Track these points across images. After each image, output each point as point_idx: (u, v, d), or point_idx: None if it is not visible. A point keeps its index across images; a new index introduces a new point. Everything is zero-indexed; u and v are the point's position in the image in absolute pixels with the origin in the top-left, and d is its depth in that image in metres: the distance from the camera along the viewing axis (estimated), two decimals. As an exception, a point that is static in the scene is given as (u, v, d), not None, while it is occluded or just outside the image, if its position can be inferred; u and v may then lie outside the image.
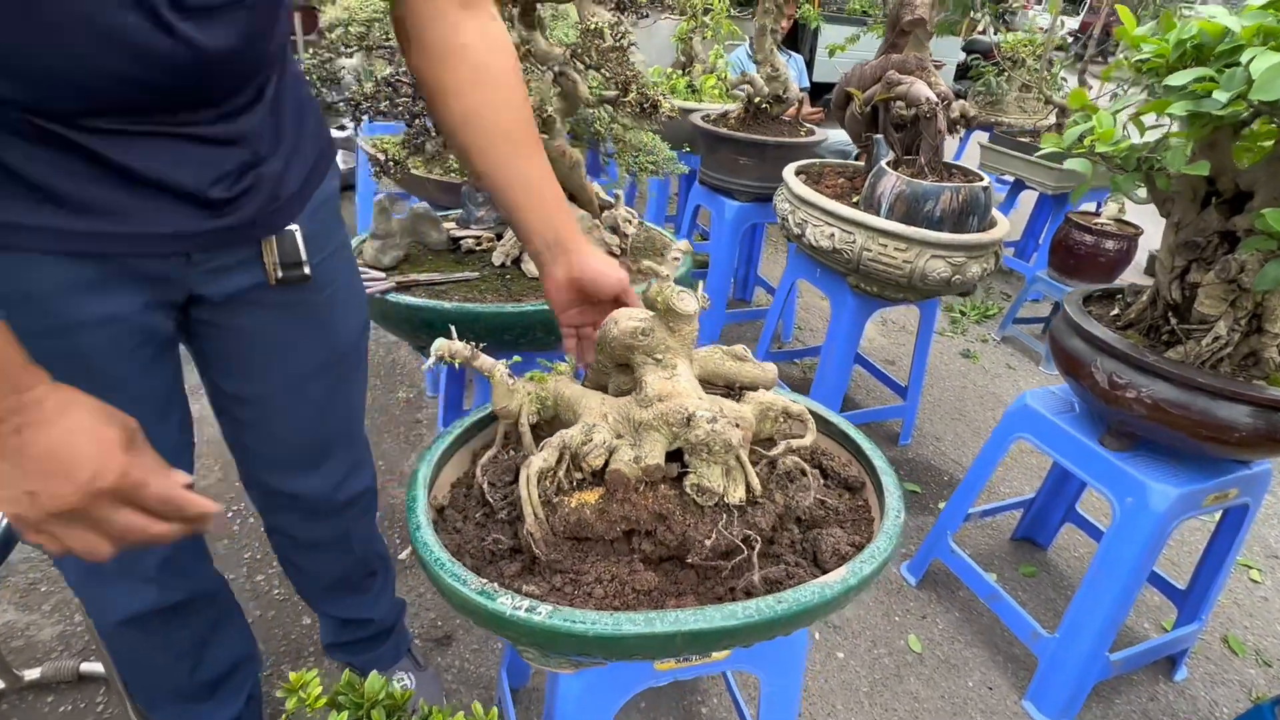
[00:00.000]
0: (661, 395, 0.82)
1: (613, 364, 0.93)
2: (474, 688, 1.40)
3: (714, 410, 0.81)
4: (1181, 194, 1.21)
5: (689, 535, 0.78)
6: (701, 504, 0.79)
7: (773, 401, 0.90)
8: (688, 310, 0.86)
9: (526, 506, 0.78)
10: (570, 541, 0.81)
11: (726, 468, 0.81)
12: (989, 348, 3.06)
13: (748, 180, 2.47)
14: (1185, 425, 1.18)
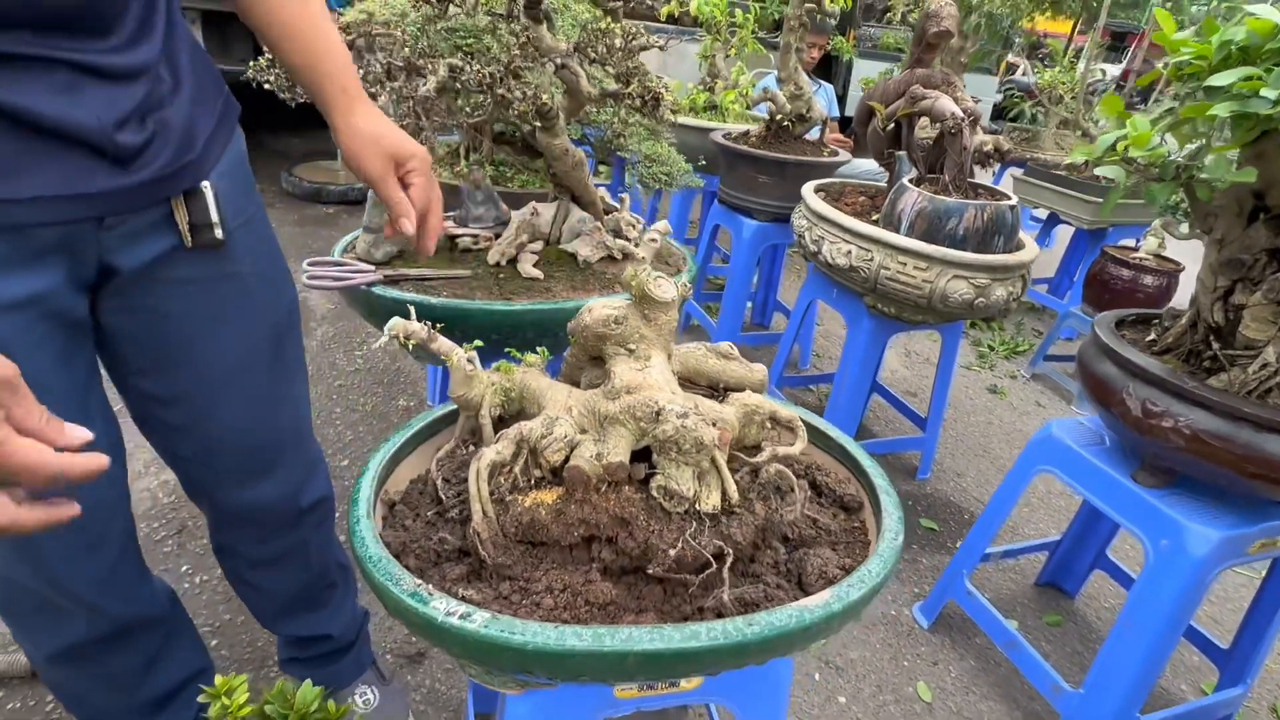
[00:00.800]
0: (630, 387, 0.75)
1: (586, 357, 0.86)
2: (442, 710, 1.31)
3: (687, 406, 0.73)
4: (1226, 208, 1.11)
5: (652, 543, 0.69)
6: (669, 509, 0.71)
7: (759, 404, 0.82)
8: (665, 297, 0.79)
9: (475, 503, 0.70)
10: (523, 546, 0.73)
11: (699, 471, 0.73)
12: (1018, 384, 2.93)
13: (767, 199, 2.40)
14: (1229, 460, 1.06)
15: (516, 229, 1.41)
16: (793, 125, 2.40)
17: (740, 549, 0.73)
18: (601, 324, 0.79)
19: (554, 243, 1.47)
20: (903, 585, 1.76)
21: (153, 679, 0.98)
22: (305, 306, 2.72)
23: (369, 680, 1.25)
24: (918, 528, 1.98)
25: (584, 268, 1.41)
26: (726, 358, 0.87)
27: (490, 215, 1.47)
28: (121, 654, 0.93)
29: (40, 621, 0.86)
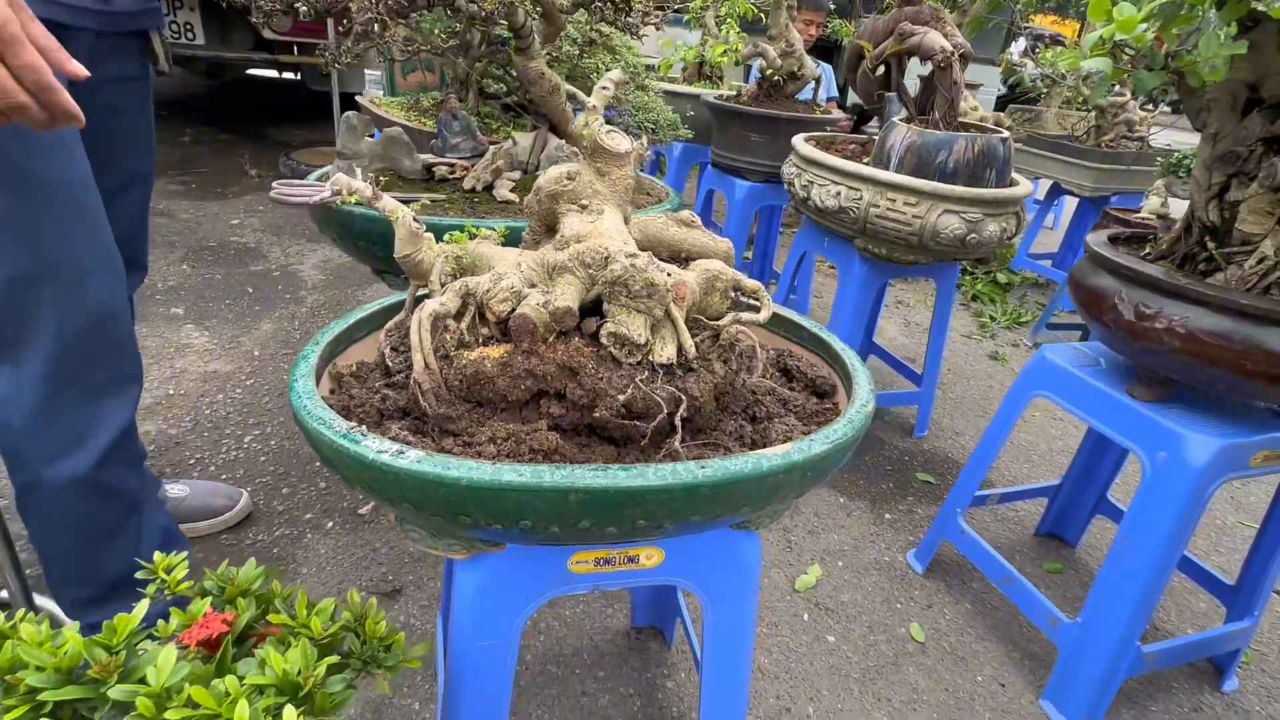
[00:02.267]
0: (579, 236, 0.71)
1: (544, 229, 0.83)
2: (417, 639, 1.27)
3: (641, 254, 0.69)
4: (1219, 100, 1.07)
5: (600, 389, 0.66)
6: (620, 358, 0.67)
7: (721, 271, 0.78)
8: (618, 148, 0.76)
9: (416, 354, 0.67)
10: (468, 404, 0.69)
11: (653, 322, 0.69)
12: (1019, 352, 2.87)
13: (760, 159, 2.37)
14: (1226, 359, 1.01)
15: (492, 155, 1.38)
16: (784, 83, 2.37)
17: (697, 404, 0.69)
18: (554, 182, 0.76)
19: (532, 171, 1.45)
20: (897, 534, 1.71)
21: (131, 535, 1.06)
22: (295, 276, 2.71)
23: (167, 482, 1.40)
24: (914, 481, 1.93)
25: (561, 193, 1.38)
26: (689, 225, 0.84)
27: (467, 146, 1.44)
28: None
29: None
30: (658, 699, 1.22)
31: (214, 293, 2.51)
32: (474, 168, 1.38)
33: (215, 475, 1.62)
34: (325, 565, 1.41)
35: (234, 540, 1.45)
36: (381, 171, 1.41)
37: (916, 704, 1.27)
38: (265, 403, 1.91)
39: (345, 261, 2.87)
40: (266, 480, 1.63)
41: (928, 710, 1.26)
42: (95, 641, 0.59)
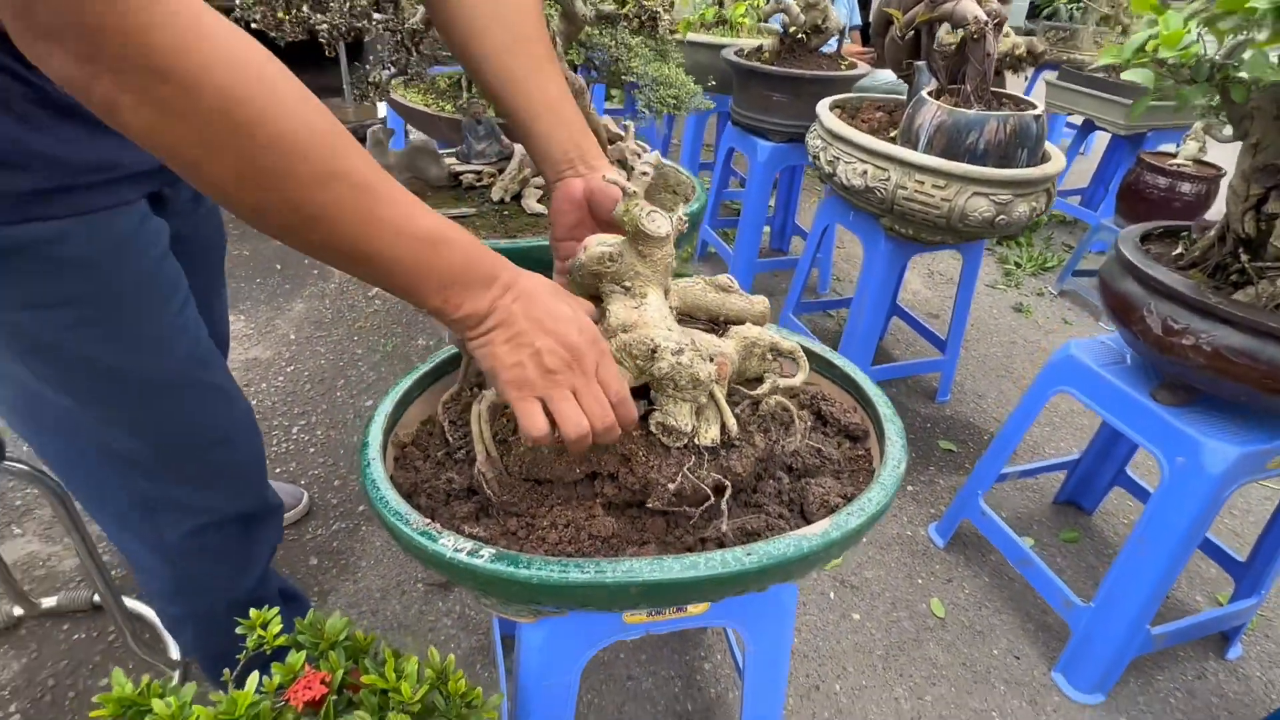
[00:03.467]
0: (625, 325, 0.74)
1: (585, 295, 0.86)
2: (473, 633, 1.38)
3: (683, 342, 0.73)
4: (1263, 109, 1.04)
5: (651, 478, 0.71)
6: (668, 444, 0.72)
7: (759, 336, 0.81)
8: (659, 232, 0.77)
9: (478, 444, 0.72)
10: (528, 483, 0.75)
11: (698, 406, 0.73)
12: (1044, 301, 2.86)
13: (782, 119, 2.31)
14: (1251, 377, 1.03)
15: (519, 164, 1.38)
16: (807, 38, 2.28)
17: (740, 480, 0.74)
18: (596, 262, 0.78)
19: (558, 176, 1.45)
20: (919, 506, 1.78)
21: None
22: (321, 249, 2.74)
23: None
24: (936, 449, 1.98)
25: (589, 201, 1.39)
26: (726, 290, 0.86)
27: (492, 150, 1.44)
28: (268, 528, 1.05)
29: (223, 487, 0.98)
30: (696, 680, 1.34)
31: (244, 271, 2.55)
32: (501, 176, 1.38)
33: (270, 471, 1.71)
34: (381, 558, 1.52)
35: (295, 535, 1.55)
36: (410, 181, 1.42)
37: (935, 679, 1.37)
38: (307, 390, 1.99)
39: (367, 230, 2.88)
40: (318, 473, 1.72)
41: (946, 684, 1.36)
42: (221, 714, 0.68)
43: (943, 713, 1.31)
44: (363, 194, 0.51)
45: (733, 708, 1.29)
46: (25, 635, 1.31)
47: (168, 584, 0.97)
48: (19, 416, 0.82)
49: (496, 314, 0.59)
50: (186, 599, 0.99)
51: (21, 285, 0.71)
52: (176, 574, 0.95)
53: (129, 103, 0.42)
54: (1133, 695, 1.36)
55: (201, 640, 1.04)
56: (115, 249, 0.76)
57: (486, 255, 0.60)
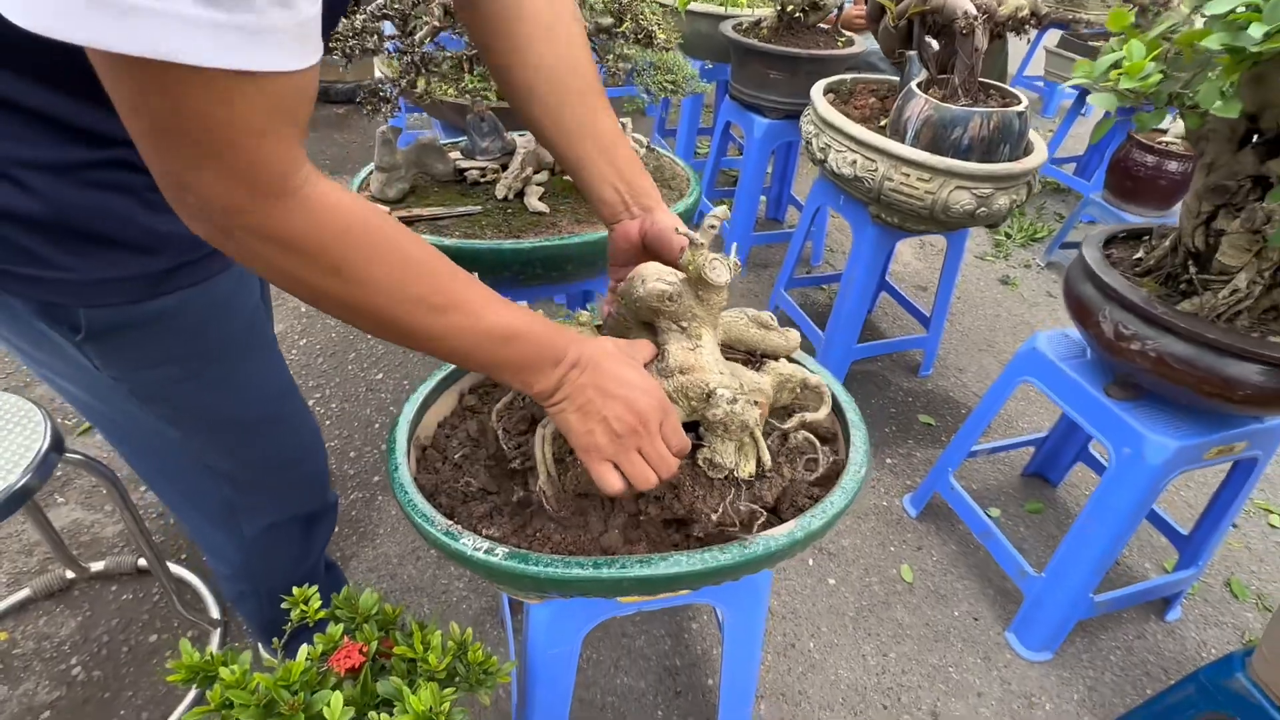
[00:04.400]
0: (683, 368, 0.83)
1: (635, 320, 0.95)
2: (482, 595, 1.52)
3: (734, 388, 0.82)
4: (1218, 132, 1.12)
5: (697, 507, 0.81)
6: (711, 476, 0.82)
7: (792, 374, 0.91)
8: (719, 281, 0.84)
9: (540, 465, 0.81)
10: (578, 498, 0.85)
11: (740, 444, 0.83)
12: (1031, 273, 2.94)
13: (778, 96, 2.35)
14: (1190, 381, 1.14)
15: (522, 162, 1.45)
16: (805, 14, 2.29)
17: (769, 508, 0.85)
18: (655, 298, 0.86)
19: (558, 172, 1.52)
20: (896, 478, 1.91)
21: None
22: (326, 218, 2.79)
23: None
24: (915, 423, 2.10)
25: (588, 199, 1.46)
26: (766, 328, 0.95)
27: (496, 146, 1.51)
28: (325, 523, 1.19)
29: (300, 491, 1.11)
30: (684, 638, 1.48)
31: (252, 242, 2.62)
32: (505, 174, 1.45)
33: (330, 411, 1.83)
34: (396, 527, 1.65)
35: (317, 504, 1.68)
36: (416, 177, 1.49)
37: (900, 638, 1.52)
38: (320, 363, 2.09)
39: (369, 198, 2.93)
40: (334, 444, 1.84)
41: (909, 643, 1.51)
42: (278, 681, 0.80)
43: (904, 668, 1.47)
44: (450, 314, 0.61)
45: (717, 662, 1.44)
46: (78, 596, 1.45)
47: (239, 568, 1.11)
48: (127, 444, 0.95)
49: (565, 388, 0.67)
50: (253, 579, 1.14)
51: (142, 348, 0.81)
52: (248, 560, 1.09)
53: (256, 266, 0.53)
54: (1077, 653, 1.52)
55: (260, 612, 1.19)
56: (220, 309, 0.85)
57: (556, 339, 0.66)
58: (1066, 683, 1.46)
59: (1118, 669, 1.50)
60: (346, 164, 3.17)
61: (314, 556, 1.18)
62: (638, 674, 1.41)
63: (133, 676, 1.33)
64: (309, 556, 1.16)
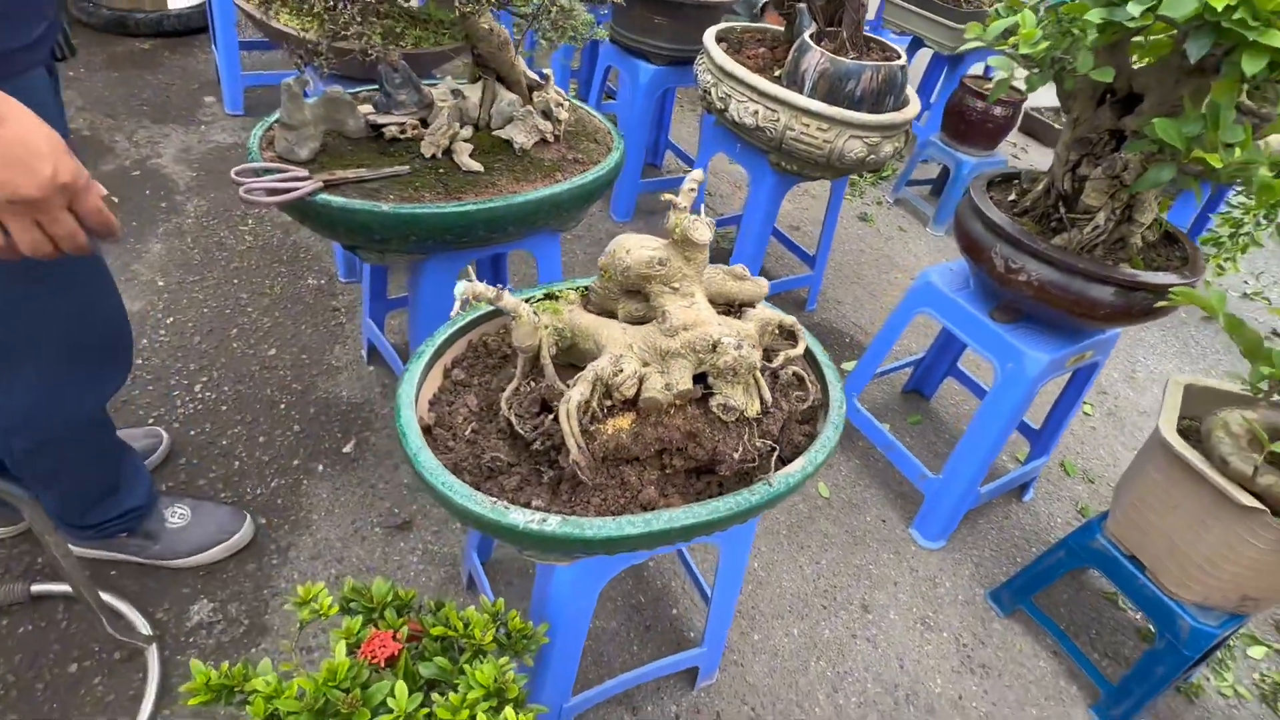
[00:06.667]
0: (686, 324, 0.87)
1: (622, 291, 0.96)
2: (440, 565, 1.51)
3: (736, 336, 0.87)
4: (1083, 92, 1.32)
5: (720, 450, 0.87)
6: (725, 420, 0.88)
7: (770, 317, 0.98)
8: (704, 240, 0.89)
9: (570, 439, 0.82)
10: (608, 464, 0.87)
11: (746, 385, 0.89)
12: (883, 210, 3.24)
13: (664, 41, 2.36)
14: (1064, 304, 1.37)
15: (448, 118, 1.37)
16: (686, -42, 2.30)
17: (777, 440, 0.92)
18: (645, 265, 0.89)
19: (484, 128, 1.45)
20: (801, 406, 2.10)
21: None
22: (159, 175, 2.44)
23: (169, 502, 1.42)
24: (809, 355, 2.30)
25: (521, 155, 1.42)
26: (740, 279, 1.01)
27: (412, 99, 1.41)
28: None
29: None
30: (644, 578, 1.57)
31: (72, 207, 2.23)
32: (429, 131, 1.37)
33: (181, 432, 1.65)
34: (332, 509, 1.57)
35: (235, 497, 1.55)
36: (326, 134, 1.36)
37: (827, 546, 1.72)
38: (198, 343, 1.88)
39: (210, 150, 2.60)
40: (239, 432, 1.69)
41: (835, 549, 1.71)
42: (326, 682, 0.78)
43: (835, 570, 1.67)
44: None
45: (677, 594, 1.55)
46: (-40, 637, 1.25)
47: (27, 411, 1.11)
48: None
49: None
50: (41, 428, 1.14)
51: None
52: (33, 406, 1.10)
53: None
54: (964, 537, 1.80)
55: (56, 479, 1.23)
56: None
57: None
58: (959, 563, 1.74)
59: (995, 545, 1.80)
60: (170, 111, 2.76)
61: (100, 402, 1.21)
62: (608, 616, 1.48)
63: (60, 712, 1.19)
64: (93, 403, 1.19)
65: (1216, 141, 1.07)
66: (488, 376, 1.02)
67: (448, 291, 1.48)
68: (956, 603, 1.65)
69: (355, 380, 1.87)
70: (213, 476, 1.58)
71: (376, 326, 1.85)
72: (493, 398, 0.96)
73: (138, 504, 1.34)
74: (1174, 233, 1.47)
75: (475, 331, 1.07)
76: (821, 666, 1.47)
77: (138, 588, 1.37)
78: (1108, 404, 2.39)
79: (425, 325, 1.50)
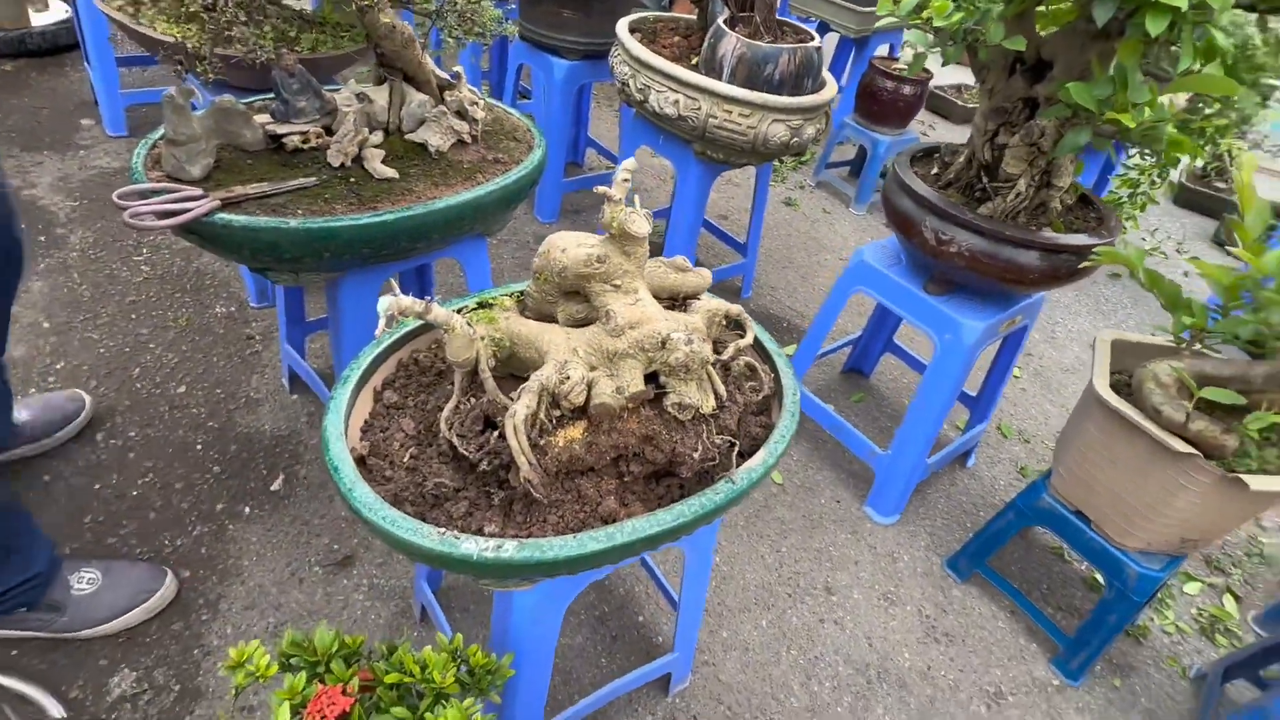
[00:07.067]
0: (632, 322, 0.82)
1: (560, 293, 0.90)
2: (388, 600, 1.42)
3: (687, 331, 0.83)
4: (995, 63, 1.34)
5: (679, 451, 0.82)
6: (681, 418, 0.83)
7: (717, 308, 0.95)
8: (641, 232, 0.84)
9: (519, 456, 0.76)
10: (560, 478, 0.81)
11: (699, 380, 0.85)
12: (806, 194, 3.28)
13: (574, 36, 2.31)
14: (994, 271, 1.39)
15: (354, 122, 1.28)
16: (591, -50, 2.25)
17: (734, 434, 0.89)
18: (583, 264, 0.83)
19: (395, 132, 1.37)
20: (746, 395, 2.09)
21: None
22: (38, 207, 2.22)
23: (75, 566, 1.29)
24: (749, 342, 2.29)
25: (438, 158, 1.34)
26: (683, 270, 0.97)
27: (313, 106, 1.31)
28: None
29: None
30: (605, 587, 1.52)
31: (-67, 248, 2.01)
32: (335, 138, 1.28)
33: (83, 487, 1.50)
34: (264, 553, 1.45)
35: (152, 552, 1.42)
36: (221, 149, 1.25)
37: (786, 532, 1.71)
38: (95, 388, 1.71)
39: (92, 176, 2.39)
40: (152, 479, 1.54)
41: (794, 535, 1.71)
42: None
43: (795, 557, 1.66)
44: None
45: (641, 600, 1.51)
46: None
47: None
48: None
49: None
50: None
51: None
52: None
53: None
54: (915, 509, 1.83)
55: None
56: None
57: None
58: (914, 535, 1.76)
59: (945, 514, 1.84)
60: (42, 137, 2.52)
61: None
62: (572, 631, 1.43)
63: (-38, 819, 1.05)
64: None
65: (1126, 102, 1.10)
66: (423, 396, 0.95)
67: (370, 309, 1.39)
68: (916, 575, 1.67)
69: (278, 411, 1.75)
70: (125, 532, 1.44)
71: (296, 352, 1.73)
72: (430, 419, 0.89)
73: (37, 571, 1.20)
74: (1088, 195, 1.52)
75: (405, 349, 1.00)
76: (793, 655, 1.46)
77: (45, 665, 1.23)
78: (1033, 365, 2.48)
79: (349, 347, 1.41)
